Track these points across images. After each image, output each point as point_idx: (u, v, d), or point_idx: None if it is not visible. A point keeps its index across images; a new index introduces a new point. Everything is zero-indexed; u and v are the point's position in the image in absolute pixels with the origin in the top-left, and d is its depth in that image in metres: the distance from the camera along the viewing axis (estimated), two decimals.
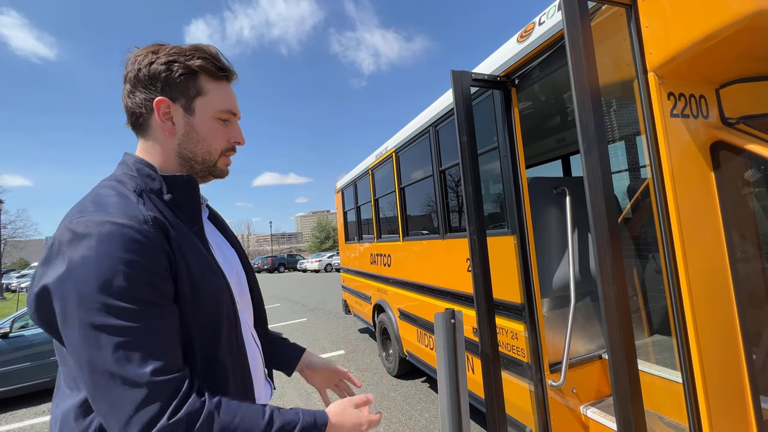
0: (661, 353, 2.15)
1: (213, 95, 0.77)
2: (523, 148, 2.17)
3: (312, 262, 27.33)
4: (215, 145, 0.79)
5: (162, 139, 0.76)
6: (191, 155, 0.78)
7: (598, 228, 1.27)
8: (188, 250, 0.69)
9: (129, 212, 0.63)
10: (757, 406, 1.37)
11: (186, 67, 0.74)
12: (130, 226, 0.61)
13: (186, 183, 0.75)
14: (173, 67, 0.73)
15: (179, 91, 0.74)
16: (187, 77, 0.74)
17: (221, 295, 0.73)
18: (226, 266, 0.81)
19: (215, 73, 0.77)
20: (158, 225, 0.65)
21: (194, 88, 0.75)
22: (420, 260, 3.52)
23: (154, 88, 0.73)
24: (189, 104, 0.76)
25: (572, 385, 2.11)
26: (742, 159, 1.47)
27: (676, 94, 1.41)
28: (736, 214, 1.53)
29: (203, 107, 0.77)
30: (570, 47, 1.32)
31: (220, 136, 0.79)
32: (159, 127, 0.75)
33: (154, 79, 0.73)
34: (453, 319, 1.76)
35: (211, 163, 0.80)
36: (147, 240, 0.62)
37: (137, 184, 0.71)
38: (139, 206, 0.66)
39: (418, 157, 3.46)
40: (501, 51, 2.19)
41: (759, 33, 1.25)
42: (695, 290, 1.32)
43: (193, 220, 0.75)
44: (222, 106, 0.79)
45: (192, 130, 0.76)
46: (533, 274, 2.10)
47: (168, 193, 0.73)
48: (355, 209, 5.55)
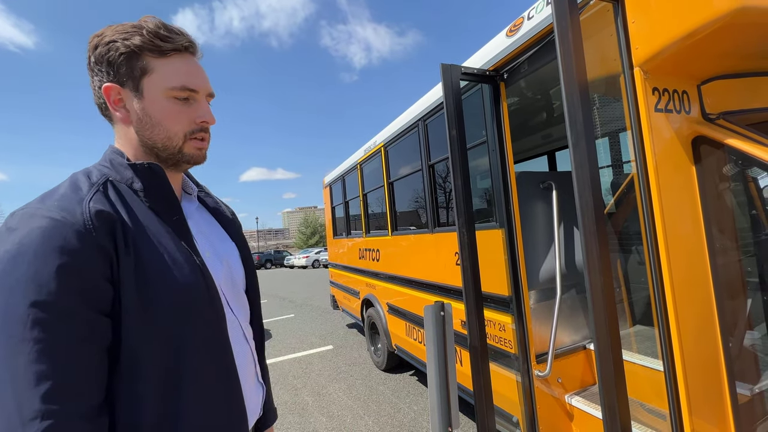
0: (643, 342, 2.21)
1: (161, 72, 0.68)
2: (511, 143, 2.19)
3: (299, 258, 27.14)
4: (174, 128, 0.70)
5: (123, 128, 0.72)
6: (151, 143, 0.71)
7: (586, 219, 1.29)
8: (147, 244, 0.63)
9: (66, 206, 0.59)
10: (733, 392, 1.43)
11: (125, 46, 0.66)
12: (60, 220, 0.56)
13: (148, 171, 0.69)
14: (113, 47, 0.66)
15: (125, 73, 0.67)
16: (129, 56, 0.67)
17: (192, 291, 0.66)
18: (214, 259, 0.76)
19: (159, 47, 0.68)
20: (101, 220, 0.59)
21: (138, 67, 0.67)
22: (409, 255, 3.53)
23: (104, 75, 0.68)
24: (137, 86, 0.68)
25: (557, 375, 2.16)
26: (722, 153, 1.52)
27: (660, 89, 1.44)
28: (716, 207, 1.58)
29: (151, 87, 0.68)
30: (559, 40, 1.33)
31: (179, 117, 0.70)
32: (117, 116, 0.71)
33: (99, 63, 0.67)
34: (442, 311, 1.78)
35: (174, 149, 0.72)
36: (78, 240, 0.56)
37: (104, 174, 0.67)
38: (85, 199, 0.60)
39: (407, 152, 3.45)
40: (490, 45, 2.20)
41: (741, 30, 1.28)
42: (677, 281, 1.36)
43: (168, 211, 0.70)
44: (173, 82, 0.69)
45: (145, 115, 0.69)
46: (521, 267, 2.13)
47: (138, 182, 0.68)
48: (343, 204, 5.52)
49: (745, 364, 1.68)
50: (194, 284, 0.66)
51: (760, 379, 1.62)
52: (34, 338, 0.52)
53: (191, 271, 0.67)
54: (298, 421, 3.33)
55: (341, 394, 3.82)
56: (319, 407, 3.58)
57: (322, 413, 3.45)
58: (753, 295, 1.81)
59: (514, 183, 2.16)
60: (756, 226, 2.01)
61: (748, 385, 1.54)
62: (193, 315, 0.66)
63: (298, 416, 3.44)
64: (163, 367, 0.62)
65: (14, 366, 0.51)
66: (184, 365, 0.64)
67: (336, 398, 3.75)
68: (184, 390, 0.64)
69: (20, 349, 0.51)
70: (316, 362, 4.93)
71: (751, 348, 1.78)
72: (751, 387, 1.54)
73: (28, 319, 0.52)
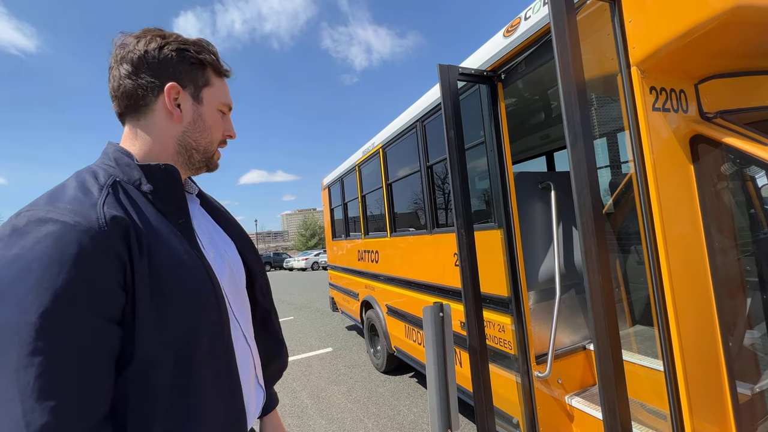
0: (643, 343, 2.21)
1: (217, 88, 0.80)
2: (509, 143, 2.19)
3: (298, 261, 27.09)
4: (216, 135, 0.80)
5: (164, 125, 0.74)
6: (194, 143, 0.77)
7: (584, 219, 1.29)
8: (160, 247, 0.63)
9: (80, 210, 0.57)
10: (733, 391, 1.42)
11: (196, 58, 0.75)
12: (74, 226, 0.55)
13: (164, 172, 0.70)
14: (185, 56, 0.74)
15: (189, 79, 0.75)
16: (198, 67, 0.76)
17: (201, 294, 0.67)
18: (219, 262, 0.77)
19: (220, 68, 0.80)
20: (116, 224, 0.58)
21: (203, 78, 0.77)
22: (408, 256, 3.52)
23: (164, 73, 0.72)
24: (197, 93, 0.76)
25: (557, 376, 2.15)
26: (719, 152, 1.52)
27: (658, 88, 1.44)
28: (714, 206, 1.58)
29: (210, 97, 0.78)
30: (556, 40, 1.33)
31: (219, 127, 0.81)
32: (164, 112, 0.73)
33: (165, 63, 0.72)
34: (441, 312, 1.77)
35: (210, 153, 0.80)
36: (93, 246, 0.55)
37: (110, 174, 0.66)
38: (98, 203, 0.59)
39: (405, 153, 3.45)
40: (488, 45, 2.20)
41: (737, 29, 1.28)
42: (676, 281, 1.35)
43: (176, 213, 0.71)
44: (224, 98, 0.81)
45: (200, 119, 0.77)
46: (520, 268, 2.12)
47: (147, 184, 0.68)
48: (342, 206, 5.51)
49: (745, 364, 1.67)
50: (203, 287, 0.67)
51: (760, 379, 1.61)
52: (44, 349, 0.51)
53: (200, 275, 0.67)
54: (297, 424, 3.31)
55: (341, 397, 3.81)
56: (319, 410, 3.56)
57: (321, 416, 3.43)
58: (752, 294, 1.80)
59: (513, 183, 2.16)
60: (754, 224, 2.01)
61: (748, 384, 1.54)
62: (201, 318, 0.66)
63: (297, 419, 3.42)
64: (173, 369, 0.62)
65: (23, 378, 0.50)
66: (192, 368, 0.65)
67: (335, 401, 3.73)
68: (190, 391, 0.64)
69: (30, 361, 0.50)
70: (315, 365, 4.91)
71: (751, 347, 1.77)
72: (751, 386, 1.54)
73: (40, 329, 0.51)
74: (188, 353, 0.64)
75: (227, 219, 0.92)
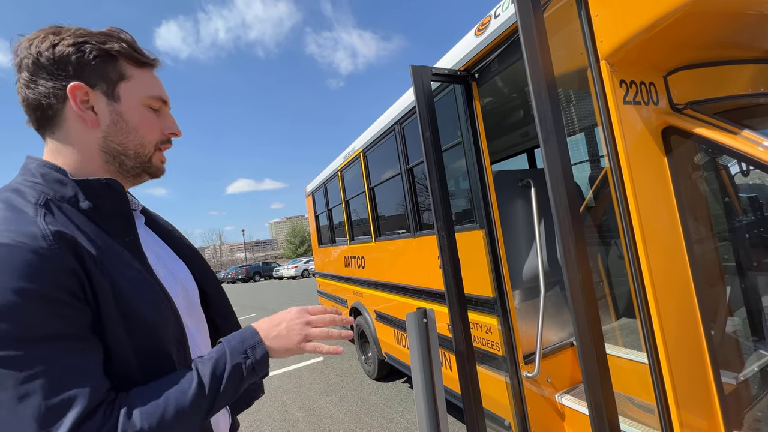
0: (628, 336, 2.21)
1: (139, 80, 0.68)
2: (486, 142, 2.18)
3: (288, 269, 26.79)
4: (148, 136, 0.70)
5: (80, 134, 0.65)
6: (121, 149, 0.67)
7: (561, 216, 1.26)
8: (114, 267, 0.59)
9: (20, 229, 0.52)
10: (718, 381, 1.42)
11: (100, 49, 0.64)
12: (20, 246, 0.50)
13: (105, 187, 0.64)
14: (85, 49, 0.63)
15: (97, 75, 0.64)
16: (104, 60, 0.64)
17: (163, 315, 0.63)
18: (170, 279, 0.72)
19: (138, 58, 0.68)
20: (64, 241, 0.54)
21: (115, 72, 0.66)
22: (393, 260, 3.48)
23: (63, 74, 0.62)
24: (112, 90, 0.66)
25: (547, 375, 2.13)
26: (691, 143, 1.52)
27: (628, 81, 1.44)
28: (689, 196, 1.58)
29: (129, 93, 0.67)
30: (524, 38, 1.31)
31: (153, 126, 0.70)
32: (76, 119, 0.64)
33: (62, 62, 0.62)
34: (425, 318, 1.73)
35: (146, 157, 0.70)
36: (44, 262, 0.51)
37: (41, 192, 0.59)
38: (38, 220, 0.54)
39: (385, 156, 3.42)
40: (460, 45, 2.18)
41: (700, 19, 1.29)
42: (656, 273, 1.34)
43: (122, 231, 0.65)
44: (151, 92, 0.70)
45: (120, 119, 0.66)
46: (503, 267, 2.10)
47: (85, 201, 0.62)
48: (326, 212, 5.44)
49: (729, 352, 1.68)
50: (162, 306, 0.64)
51: (743, 367, 1.62)
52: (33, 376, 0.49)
53: (156, 293, 0.64)
54: None
55: (332, 408, 3.73)
56: (310, 423, 3.47)
57: (312, 429, 3.35)
58: (731, 282, 1.82)
59: (492, 183, 2.14)
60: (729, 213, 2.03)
61: (732, 373, 1.54)
62: (165, 340, 0.63)
63: None
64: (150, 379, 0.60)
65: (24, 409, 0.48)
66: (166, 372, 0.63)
67: (327, 412, 3.65)
68: None
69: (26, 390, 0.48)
70: (306, 375, 4.81)
71: (733, 334, 1.78)
72: (736, 375, 1.54)
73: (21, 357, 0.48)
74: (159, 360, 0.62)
75: (176, 237, 0.85)
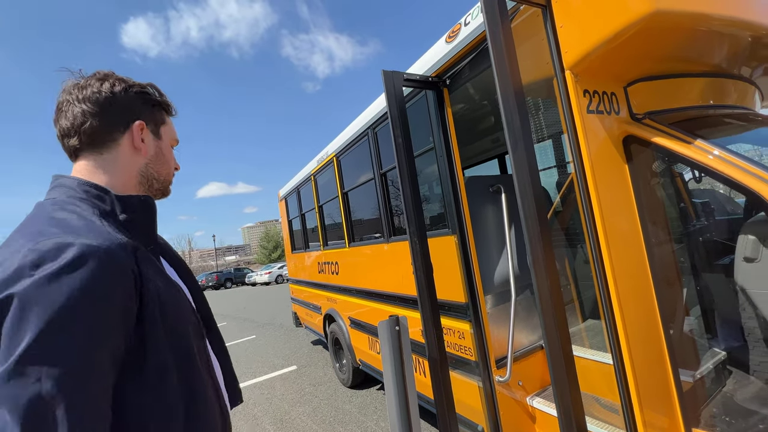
0: (595, 337, 2.28)
1: (169, 126, 0.92)
2: (458, 148, 2.19)
3: (261, 275, 26.11)
4: (172, 166, 0.92)
5: (128, 158, 0.81)
6: (156, 174, 0.86)
7: (529, 221, 1.28)
8: (152, 270, 0.71)
9: (103, 235, 0.63)
10: (677, 379, 1.47)
11: (155, 100, 0.87)
12: (107, 248, 0.61)
13: (142, 203, 0.78)
14: (147, 98, 0.84)
15: (151, 117, 0.85)
16: (157, 107, 0.87)
17: (184, 308, 0.77)
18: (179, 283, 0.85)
19: (170, 109, 0.93)
20: (130, 246, 0.66)
21: (160, 117, 0.88)
22: (367, 266, 3.44)
23: (131, 112, 0.81)
24: (157, 130, 0.87)
25: (518, 378, 2.16)
26: (650, 151, 1.59)
27: (591, 91, 1.48)
28: (649, 202, 1.65)
29: (166, 134, 0.89)
30: (492, 46, 1.32)
31: (173, 160, 0.93)
32: (129, 147, 0.81)
33: (132, 103, 0.81)
34: (398, 326, 1.70)
35: (168, 182, 0.91)
36: (122, 265, 0.63)
37: (91, 206, 0.70)
38: (108, 228, 0.66)
39: (359, 161, 3.39)
40: (432, 51, 2.20)
41: (657, 34, 1.35)
42: (618, 275, 1.38)
43: (149, 241, 0.78)
44: (174, 135, 0.93)
45: (160, 152, 0.87)
46: (475, 272, 2.11)
47: (123, 213, 0.74)
48: (299, 217, 5.34)
49: (686, 351, 1.75)
50: (185, 302, 0.78)
51: (699, 365, 1.70)
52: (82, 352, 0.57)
53: (179, 291, 0.77)
54: None
55: (305, 419, 3.62)
56: None
57: None
58: (687, 283, 1.91)
59: (464, 188, 2.16)
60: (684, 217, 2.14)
61: (690, 371, 1.61)
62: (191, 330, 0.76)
63: None
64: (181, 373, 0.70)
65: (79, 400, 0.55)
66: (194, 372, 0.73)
67: (300, 424, 3.54)
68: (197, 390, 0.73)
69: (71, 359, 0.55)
70: (278, 386, 4.66)
71: (690, 333, 1.87)
72: (693, 373, 1.61)
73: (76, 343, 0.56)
74: (189, 359, 0.73)
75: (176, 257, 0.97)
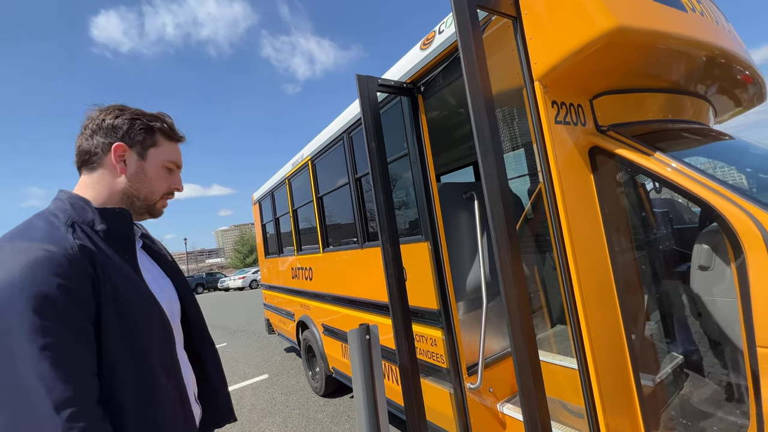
0: (562, 343, 2.32)
1: (165, 148, 0.95)
2: (432, 155, 2.20)
3: (235, 280, 25.39)
4: (158, 187, 0.95)
5: (110, 176, 0.89)
6: (136, 193, 0.91)
7: (497, 230, 1.29)
8: (116, 276, 0.77)
9: (58, 241, 0.72)
10: (638, 384, 1.51)
11: (146, 125, 0.92)
12: (54, 251, 0.70)
13: (118, 215, 0.86)
14: (135, 123, 0.90)
15: (137, 141, 0.91)
16: (146, 132, 0.92)
17: (151, 316, 0.81)
18: (158, 293, 0.88)
19: (170, 134, 0.97)
20: (85, 251, 0.74)
21: (150, 140, 0.93)
22: (341, 272, 3.39)
23: (113, 135, 0.89)
24: (143, 152, 0.92)
25: (489, 385, 2.17)
26: (613, 162, 1.64)
27: (559, 102, 1.52)
28: (612, 211, 1.70)
29: (155, 156, 0.93)
30: (463, 55, 1.33)
31: (163, 181, 0.95)
32: (111, 166, 0.89)
33: (116, 128, 0.89)
34: (368, 335, 1.67)
35: (152, 202, 0.95)
36: (72, 264, 0.71)
37: (69, 216, 0.79)
38: (68, 236, 0.74)
39: (334, 165, 3.35)
40: (407, 58, 2.20)
41: (620, 49, 1.40)
42: (584, 282, 1.41)
43: (125, 249, 0.85)
44: (170, 157, 0.97)
45: (142, 172, 0.92)
46: (447, 279, 2.11)
47: (101, 224, 0.82)
48: (273, 221, 5.21)
49: (647, 356, 1.81)
50: (153, 309, 0.83)
51: (659, 370, 1.76)
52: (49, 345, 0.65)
53: (147, 299, 0.82)
54: None
55: (275, 430, 3.50)
56: None
57: None
58: (648, 289, 1.98)
59: (437, 195, 2.16)
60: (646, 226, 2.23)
61: (650, 375, 1.66)
62: (155, 338, 0.81)
63: None
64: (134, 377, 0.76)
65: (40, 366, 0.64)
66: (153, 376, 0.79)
67: None
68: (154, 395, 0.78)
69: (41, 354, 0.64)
70: (248, 396, 4.50)
71: (650, 338, 1.94)
72: (652, 377, 1.66)
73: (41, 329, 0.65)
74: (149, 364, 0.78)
75: (168, 261, 1.04)
